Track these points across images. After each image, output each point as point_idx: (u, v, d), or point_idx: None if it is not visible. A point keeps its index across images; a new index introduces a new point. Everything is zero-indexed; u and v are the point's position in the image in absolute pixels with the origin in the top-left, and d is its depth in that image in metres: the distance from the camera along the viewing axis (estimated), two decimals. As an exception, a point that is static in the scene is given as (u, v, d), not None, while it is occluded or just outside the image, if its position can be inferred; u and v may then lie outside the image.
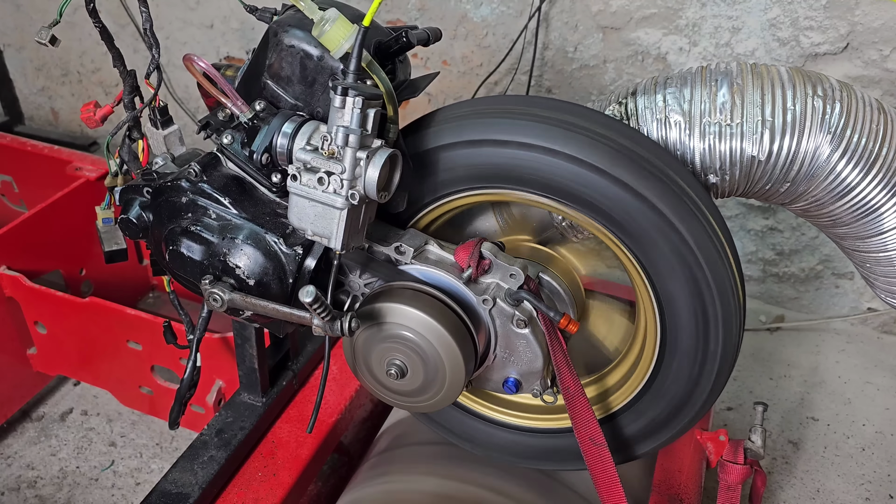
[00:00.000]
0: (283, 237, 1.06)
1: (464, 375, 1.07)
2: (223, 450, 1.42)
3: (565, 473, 1.42)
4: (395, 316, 1.06)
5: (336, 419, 1.54)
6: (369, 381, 1.15)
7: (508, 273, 1.09)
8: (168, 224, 1.10)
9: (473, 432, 1.33)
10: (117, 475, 2.02)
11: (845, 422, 2.20)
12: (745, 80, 1.03)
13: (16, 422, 2.15)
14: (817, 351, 2.47)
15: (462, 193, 1.09)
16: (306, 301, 0.92)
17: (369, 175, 0.93)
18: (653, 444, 1.21)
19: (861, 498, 1.98)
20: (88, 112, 1.17)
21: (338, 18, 0.92)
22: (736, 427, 2.18)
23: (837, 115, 0.99)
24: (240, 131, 1.06)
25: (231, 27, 2.89)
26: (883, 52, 2.09)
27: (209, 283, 1.05)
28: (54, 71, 3.40)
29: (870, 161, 0.99)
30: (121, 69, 1.12)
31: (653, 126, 1.06)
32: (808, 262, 2.51)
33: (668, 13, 2.25)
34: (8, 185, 2.46)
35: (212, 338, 1.71)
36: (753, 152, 1.02)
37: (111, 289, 2.29)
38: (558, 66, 2.50)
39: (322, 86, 1.01)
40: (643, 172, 0.98)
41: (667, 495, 1.42)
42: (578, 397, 1.10)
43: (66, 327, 1.98)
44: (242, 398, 1.53)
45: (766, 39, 2.18)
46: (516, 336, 1.11)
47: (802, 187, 1.04)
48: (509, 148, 1.01)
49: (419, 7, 2.56)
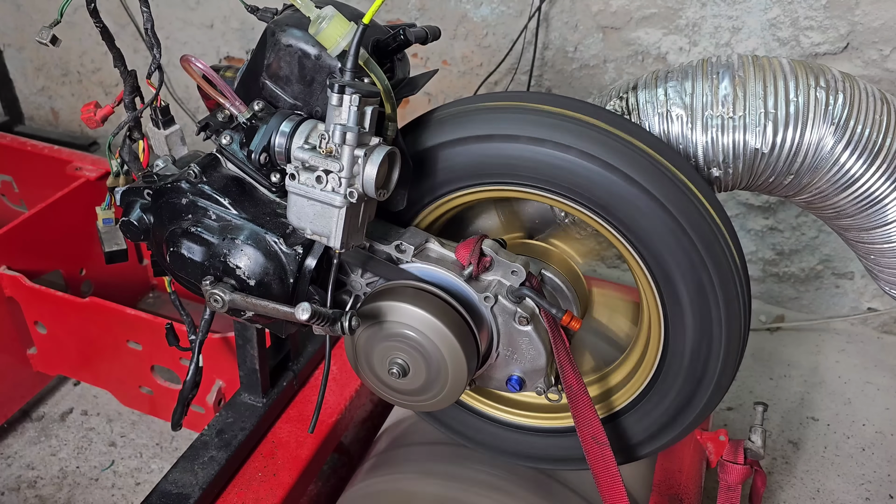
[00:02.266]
0: (284, 237, 1.06)
1: (466, 374, 1.07)
2: (223, 450, 1.42)
3: (566, 473, 1.42)
4: (396, 314, 1.06)
5: (336, 419, 1.54)
6: (371, 380, 1.15)
7: (510, 270, 1.09)
8: (169, 225, 1.10)
9: (476, 431, 1.33)
10: (117, 475, 2.02)
11: (845, 422, 2.20)
12: (746, 72, 1.03)
13: (16, 422, 2.15)
14: (817, 351, 2.46)
15: (463, 191, 1.09)
16: (303, 318, 0.92)
17: (367, 173, 0.93)
18: (655, 445, 1.20)
19: (861, 498, 1.98)
20: (89, 112, 1.16)
21: (334, 16, 0.92)
22: (736, 427, 2.18)
23: (840, 105, 0.99)
24: (238, 132, 1.06)
25: (231, 27, 2.89)
26: (883, 51, 2.09)
27: (210, 284, 1.05)
28: (54, 71, 3.40)
29: (874, 152, 0.99)
30: (121, 69, 1.12)
31: (654, 120, 1.06)
32: (808, 262, 2.51)
33: (668, 13, 2.25)
34: (8, 185, 2.46)
35: (212, 338, 1.70)
36: (756, 145, 1.02)
37: (111, 289, 2.29)
38: (558, 66, 2.50)
39: (320, 85, 1.01)
40: (649, 168, 0.98)
41: (667, 495, 1.42)
42: (581, 395, 1.10)
43: (66, 327, 1.97)
44: (243, 398, 1.53)
45: (766, 39, 2.18)
46: (519, 333, 1.11)
47: (806, 179, 1.03)
48: (511, 143, 1.01)
49: (419, 7, 2.56)
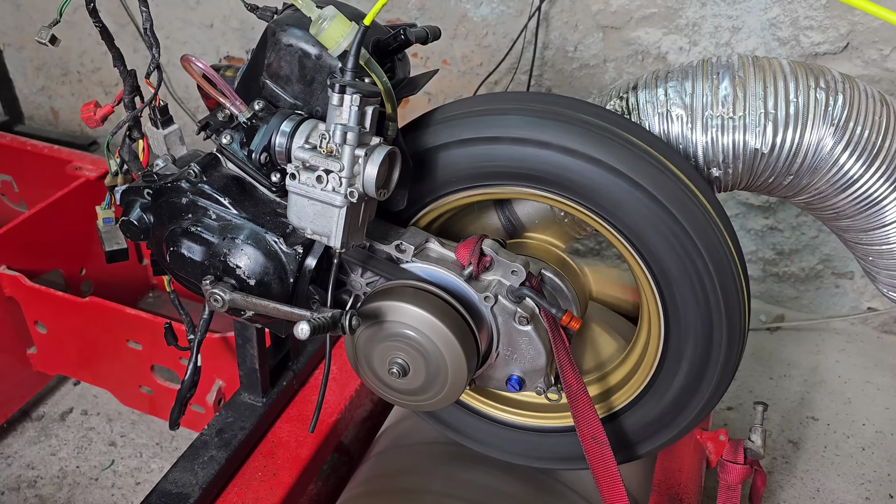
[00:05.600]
0: (284, 237, 1.06)
1: (466, 373, 1.07)
2: (223, 450, 1.42)
3: (566, 473, 1.42)
4: (396, 314, 1.06)
5: (336, 419, 1.54)
6: (371, 379, 1.15)
7: (510, 270, 1.09)
8: (169, 225, 1.10)
9: (476, 430, 1.32)
10: (117, 475, 2.02)
11: (845, 421, 2.20)
12: (746, 72, 1.03)
13: (16, 421, 2.15)
14: (817, 350, 2.46)
15: (463, 191, 1.09)
16: (303, 338, 0.92)
17: (368, 172, 0.93)
18: (654, 445, 1.20)
19: (861, 497, 1.98)
20: (89, 112, 1.16)
21: (335, 16, 0.92)
22: (736, 427, 2.18)
23: (840, 106, 0.99)
24: (239, 131, 1.06)
25: (231, 27, 2.89)
26: (883, 51, 2.09)
27: (210, 284, 1.05)
28: (54, 71, 3.39)
29: (873, 153, 0.99)
30: (121, 69, 1.12)
31: (654, 120, 1.06)
32: (808, 262, 2.51)
33: (668, 13, 2.25)
34: (8, 185, 2.46)
35: (212, 337, 1.70)
36: (756, 145, 1.02)
37: (111, 288, 2.29)
38: (558, 66, 2.49)
39: (321, 84, 1.01)
40: (649, 169, 0.98)
41: (667, 495, 1.41)
42: (581, 395, 1.10)
43: (66, 327, 1.97)
44: (243, 398, 1.53)
45: (766, 39, 2.18)
46: (519, 333, 1.11)
47: (805, 180, 1.03)
48: (510, 144, 1.01)
49: (419, 6, 2.56)
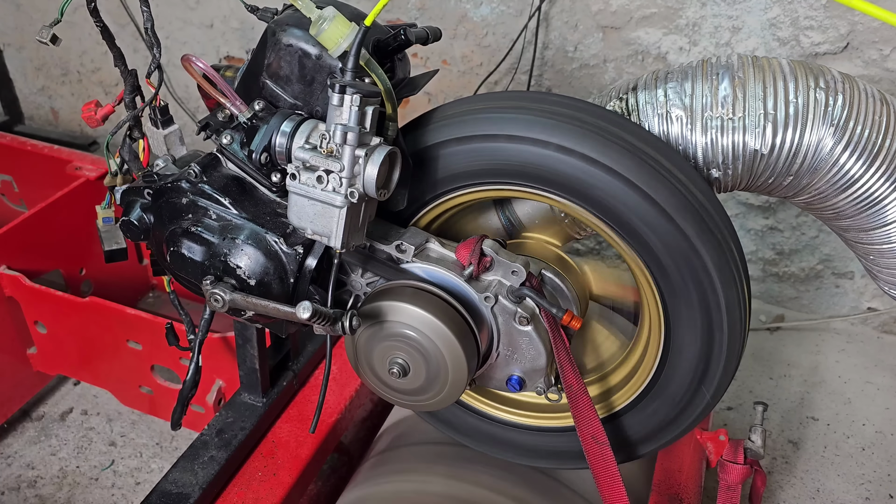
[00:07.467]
0: (284, 237, 1.06)
1: (466, 374, 1.07)
2: (223, 450, 1.42)
3: (567, 473, 1.42)
4: (396, 314, 1.06)
5: (336, 419, 1.54)
6: (371, 379, 1.15)
7: (510, 270, 1.09)
8: (169, 225, 1.10)
9: (476, 430, 1.32)
10: (117, 475, 2.02)
11: (845, 421, 2.20)
12: (746, 73, 1.03)
13: (16, 421, 2.15)
14: (817, 351, 2.46)
15: (463, 190, 1.09)
16: (304, 317, 0.92)
17: (368, 173, 0.93)
18: (655, 445, 1.20)
19: (861, 498, 1.98)
20: (89, 111, 1.16)
21: (335, 17, 0.92)
22: (736, 427, 2.18)
23: (840, 106, 0.99)
24: (239, 131, 1.06)
25: (231, 27, 2.89)
26: (883, 51, 2.09)
27: (210, 284, 1.05)
28: (54, 70, 3.39)
29: (873, 153, 0.99)
30: (122, 69, 1.12)
31: (654, 121, 1.06)
32: (808, 262, 2.51)
33: (668, 13, 2.25)
34: (8, 185, 2.46)
35: (212, 337, 1.70)
36: (756, 146, 1.02)
37: (111, 288, 2.29)
38: (558, 66, 2.50)
39: (321, 84, 1.01)
40: (649, 170, 0.97)
41: (667, 495, 1.41)
42: (581, 395, 1.10)
43: (66, 327, 1.97)
44: (243, 398, 1.53)
45: (766, 39, 2.18)
46: (519, 333, 1.11)
47: (805, 180, 1.03)
48: (509, 143, 1.01)
49: (419, 6, 2.56)
